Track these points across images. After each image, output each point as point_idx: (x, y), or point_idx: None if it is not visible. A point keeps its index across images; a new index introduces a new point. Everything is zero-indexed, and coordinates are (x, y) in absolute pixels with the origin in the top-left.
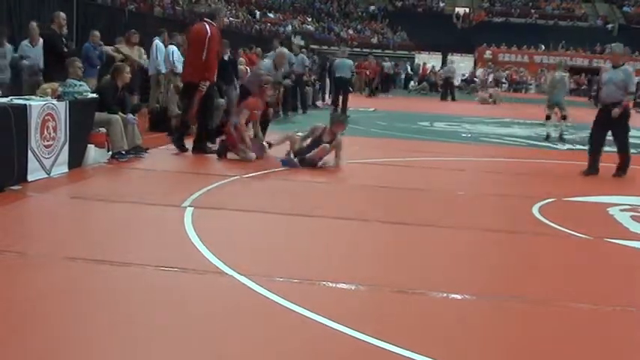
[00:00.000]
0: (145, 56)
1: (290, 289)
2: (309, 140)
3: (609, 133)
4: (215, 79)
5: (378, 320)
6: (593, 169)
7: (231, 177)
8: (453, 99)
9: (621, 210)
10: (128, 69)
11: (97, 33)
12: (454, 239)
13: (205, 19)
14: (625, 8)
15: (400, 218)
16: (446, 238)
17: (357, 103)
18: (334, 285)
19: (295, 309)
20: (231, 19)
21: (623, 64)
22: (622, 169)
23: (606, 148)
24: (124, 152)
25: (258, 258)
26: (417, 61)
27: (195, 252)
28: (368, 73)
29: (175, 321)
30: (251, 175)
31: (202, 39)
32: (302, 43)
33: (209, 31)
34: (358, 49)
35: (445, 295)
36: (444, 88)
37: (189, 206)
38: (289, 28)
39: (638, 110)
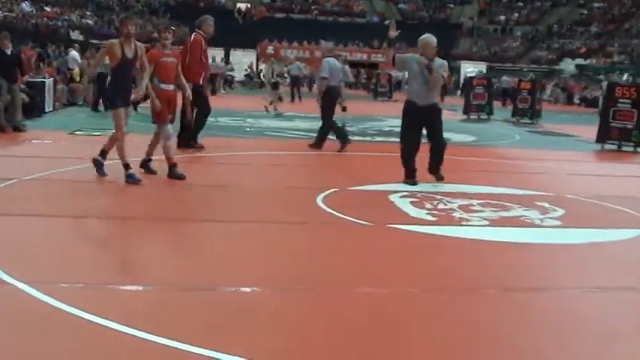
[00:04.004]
0: None
1: (75, 295)
2: None
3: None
4: (200, 81)
5: (167, 319)
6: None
7: (10, 180)
8: (214, 93)
9: (401, 196)
10: None
11: None
12: (241, 233)
13: (196, 28)
14: (401, 5)
15: (188, 215)
16: (233, 232)
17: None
18: (122, 287)
19: (80, 314)
20: (6, 13)
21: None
22: None
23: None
24: None
25: (41, 264)
26: None
27: None
28: None
29: None
30: (33, 176)
31: (185, 46)
32: (81, 38)
33: (192, 38)
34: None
35: (234, 289)
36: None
37: None
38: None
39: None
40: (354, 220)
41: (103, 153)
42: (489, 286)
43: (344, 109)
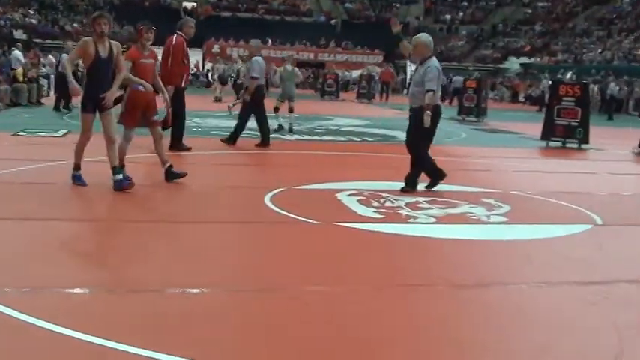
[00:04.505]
0: None
1: (20, 299)
2: None
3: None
4: (182, 83)
5: (111, 322)
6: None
7: None
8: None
9: (349, 195)
10: None
11: None
12: (189, 233)
13: (177, 31)
14: (347, 4)
15: (135, 216)
16: (180, 232)
17: None
18: (68, 290)
19: (25, 318)
20: None
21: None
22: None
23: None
24: None
25: None
26: None
27: None
28: None
29: None
30: None
31: (168, 48)
32: (24, 37)
33: (174, 41)
34: None
35: (181, 290)
36: None
37: None
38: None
39: (363, 100)
40: (302, 219)
41: (119, 163)
42: (437, 282)
43: (291, 109)
